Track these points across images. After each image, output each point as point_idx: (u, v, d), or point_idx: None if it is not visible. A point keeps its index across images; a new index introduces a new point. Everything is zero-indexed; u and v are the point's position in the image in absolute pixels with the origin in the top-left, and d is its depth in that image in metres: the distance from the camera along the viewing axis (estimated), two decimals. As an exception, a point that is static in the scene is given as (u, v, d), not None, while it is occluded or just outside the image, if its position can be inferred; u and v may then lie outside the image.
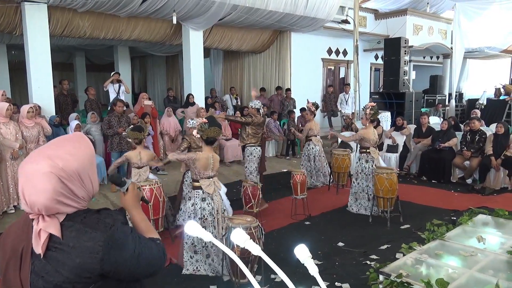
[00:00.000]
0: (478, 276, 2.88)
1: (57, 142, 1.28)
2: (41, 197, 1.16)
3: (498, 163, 7.03)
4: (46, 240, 1.17)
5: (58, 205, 1.19)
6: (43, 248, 1.17)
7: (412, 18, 12.68)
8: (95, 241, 1.18)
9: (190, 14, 8.51)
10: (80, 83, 13.93)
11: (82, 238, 1.18)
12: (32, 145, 5.94)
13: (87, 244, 1.17)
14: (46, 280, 1.17)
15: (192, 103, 9.36)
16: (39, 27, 7.10)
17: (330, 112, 12.17)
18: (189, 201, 3.97)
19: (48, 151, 1.22)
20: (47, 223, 1.18)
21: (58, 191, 1.18)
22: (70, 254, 1.16)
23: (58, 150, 1.22)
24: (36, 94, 7.21)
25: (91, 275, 1.18)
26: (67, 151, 1.22)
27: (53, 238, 1.18)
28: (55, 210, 1.19)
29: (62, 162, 1.19)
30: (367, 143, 5.85)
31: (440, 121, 9.50)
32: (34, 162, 1.19)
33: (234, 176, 7.95)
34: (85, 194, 1.25)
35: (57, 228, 1.18)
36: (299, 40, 11.39)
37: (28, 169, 1.19)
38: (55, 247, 1.18)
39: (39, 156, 1.21)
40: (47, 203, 1.17)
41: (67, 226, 1.20)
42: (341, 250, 4.63)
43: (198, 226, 1.29)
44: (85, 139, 1.31)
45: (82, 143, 1.28)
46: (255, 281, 1.22)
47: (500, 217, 4.13)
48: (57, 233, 1.17)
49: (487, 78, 16.24)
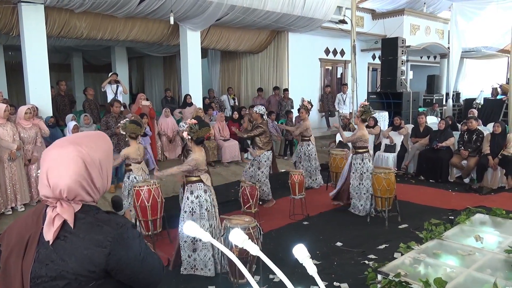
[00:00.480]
0: (476, 275, 2.89)
1: (82, 134, 1.37)
2: (66, 178, 1.22)
3: (496, 163, 7.05)
4: (59, 227, 1.21)
5: (79, 188, 1.24)
6: (54, 235, 1.20)
7: (409, 18, 12.71)
8: (105, 236, 1.21)
9: (188, 14, 8.51)
10: (77, 84, 13.90)
11: (94, 230, 1.22)
12: (29, 146, 5.93)
13: (97, 237, 1.21)
14: (50, 268, 1.19)
15: (189, 103, 9.35)
16: (36, 27, 7.09)
17: (327, 112, 12.19)
18: (191, 194, 3.98)
19: (75, 139, 1.30)
20: (64, 209, 1.22)
21: (82, 174, 1.24)
22: (79, 244, 1.20)
23: (83, 139, 1.30)
24: (33, 95, 7.19)
25: (96, 270, 1.21)
26: (92, 141, 1.31)
27: (64, 227, 1.22)
28: (76, 193, 1.24)
29: (88, 149, 1.27)
30: (364, 143, 5.85)
31: (437, 120, 9.52)
32: (60, 147, 1.26)
33: (232, 177, 7.95)
34: (101, 186, 1.31)
35: (72, 215, 1.22)
36: (297, 40, 11.40)
37: (54, 153, 1.26)
38: (64, 235, 1.21)
39: (65, 142, 1.28)
40: (71, 184, 1.22)
41: (80, 217, 1.23)
42: (340, 250, 4.64)
43: (196, 226, 1.29)
44: (106, 137, 1.40)
45: (104, 138, 1.37)
46: (254, 281, 1.22)
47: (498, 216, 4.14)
48: (71, 220, 1.21)
49: (484, 78, 16.30)
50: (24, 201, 5.77)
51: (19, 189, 5.72)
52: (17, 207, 5.76)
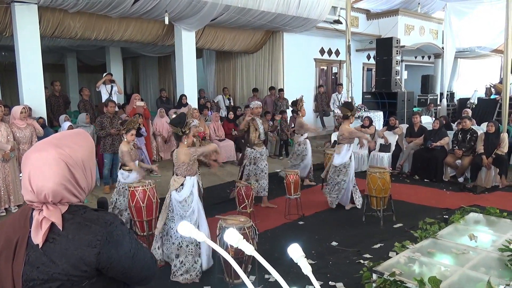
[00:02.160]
0: (470, 274, 2.90)
1: (61, 134, 1.35)
2: (49, 182, 1.20)
3: (489, 162, 7.10)
4: (47, 230, 1.19)
5: (64, 191, 1.23)
6: (43, 238, 1.19)
7: (404, 18, 12.76)
8: (94, 235, 1.21)
9: (182, 14, 8.49)
10: (71, 84, 13.83)
11: (82, 231, 1.21)
12: (25, 146, 5.90)
13: (87, 237, 1.20)
14: (42, 271, 1.18)
15: (185, 103, 9.33)
16: (30, 27, 7.04)
17: (322, 112, 12.21)
18: (193, 188, 4.00)
19: (54, 140, 1.27)
20: (50, 211, 1.20)
21: (66, 177, 1.22)
22: (69, 245, 1.19)
23: (63, 140, 1.28)
24: (27, 95, 7.14)
25: (87, 269, 1.20)
26: (73, 141, 1.28)
27: (53, 229, 1.20)
28: (61, 196, 1.23)
29: (69, 150, 1.24)
30: (344, 139, 6.00)
31: (432, 120, 9.57)
32: (42, 150, 1.23)
33: (228, 177, 7.94)
34: (86, 186, 1.30)
35: (59, 217, 1.21)
36: (292, 41, 11.41)
37: (36, 157, 1.23)
38: (53, 237, 1.20)
39: (46, 144, 1.25)
40: (55, 188, 1.20)
41: (67, 218, 1.22)
42: (335, 250, 4.65)
43: (191, 227, 1.28)
44: (86, 133, 1.37)
45: (84, 136, 1.34)
46: (249, 281, 1.22)
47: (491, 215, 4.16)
48: (59, 223, 1.20)
49: (478, 78, 16.39)
50: (18, 202, 5.73)
51: (12, 190, 5.68)
52: (11, 208, 5.71)
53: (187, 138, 4.04)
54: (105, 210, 1.48)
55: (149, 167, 6.13)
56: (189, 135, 4.06)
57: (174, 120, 4.10)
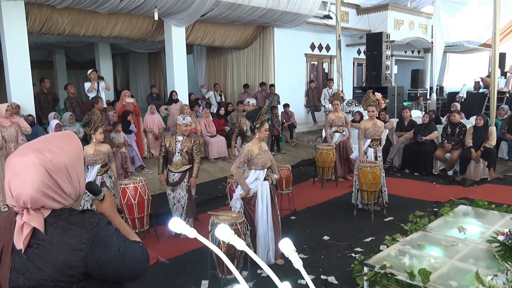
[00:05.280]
0: (459, 265, 2.95)
1: (46, 137, 1.29)
2: (28, 188, 1.16)
3: (478, 155, 7.19)
4: (29, 234, 1.16)
5: (44, 197, 1.18)
6: (24, 243, 1.15)
7: (393, 13, 12.81)
8: (79, 238, 1.17)
9: (172, 10, 8.43)
10: (60, 81, 13.64)
11: (67, 235, 1.17)
12: (12, 145, 5.82)
13: (71, 241, 1.17)
14: (27, 277, 1.16)
15: (175, 100, 9.29)
16: (17, 24, 6.94)
17: (313, 107, 12.25)
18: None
19: (37, 144, 1.22)
20: (31, 216, 1.17)
21: (45, 183, 1.17)
22: (53, 250, 1.16)
23: (47, 143, 1.23)
24: (15, 93, 7.05)
25: (74, 273, 1.17)
26: (56, 145, 1.23)
27: (36, 234, 1.17)
28: (41, 203, 1.18)
29: (51, 155, 1.19)
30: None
31: (421, 114, 9.65)
32: (22, 155, 1.19)
33: (220, 173, 7.94)
34: (71, 191, 1.25)
35: (41, 222, 1.17)
36: (282, 36, 11.40)
37: (16, 161, 1.19)
38: (37, 243, 1.17)
39: (27, 149, 1.21)
40: (33, 194, 1.16)
41: (51, 222, 1.18)
42: (327, 244, 4.68)
43: (182, 223, 1.29)
44: (74, 136, 1.32)
45: (71, 139, 1.29)
46: (241, 277, 1.23)
47: (480, 207, 4.21)
48: (41, 227, 1.16)
49: (467, 72, 16.54)
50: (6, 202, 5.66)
51: (1, 188, 5.61)
52: (0, 207, 5.66)
53: (259, 132, 4.06)
54: (97, 196, 1.43)
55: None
56: (261, 130, 4.06)
57: (249, 114, 4.19)
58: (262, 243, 4.06)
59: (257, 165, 4.03)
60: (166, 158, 4.93)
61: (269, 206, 4.10)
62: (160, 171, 4.98)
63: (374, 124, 5.83)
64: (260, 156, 4.02)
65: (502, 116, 9.08)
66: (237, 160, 4.08)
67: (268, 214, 4.09)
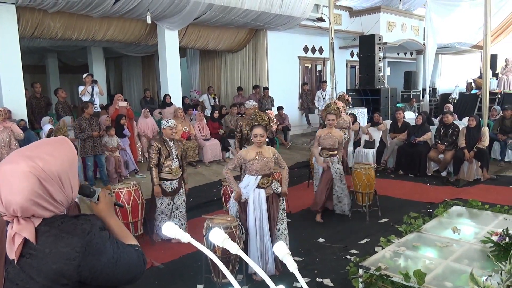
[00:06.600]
0: (454, 266, 2.96)
1: (38, 144, 1.24)
2: (17, 197, 1.12)
3: (471, 156, 7.23)
4: (21, 245, 1.13)
5: (34, 206, 1.14)
6: (17, 254, 1.13)
7: (386, 15, 12.90)
8: (72, 247, 1.15)
9: (165, 13, 8.42)
10: (53, 85, 13.55)
11: (59, 244, 1.15)
12: (4, 150, 5.79)
13: (64, 250, 1.14)
14: (21, 287, 1.14)
15: (169, 103, 9.26)
16: (8, 28, 6.90)
17: (307, 110, 12.28)
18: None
19: (28, 152, 1.18)
20: (21, 226, 1.14)
21: (36, 191, 1.14)
22: (46, 260, 1.13)
23: (38, 151, 1.19)
24: (7, 97, 7.00)
25: (68, 282, 1.16)
26: (48, 152, 1.19)
27: (28, 244, 1.14)
28: (31, 211, 1.15)
29: (42, 163, 1.15)
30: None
31: (415, 116, 9.70)
32: (13, 162, 1.15)
33: (214, 176, 7.91)
34: (63, 199, 1.21)
35: (32, 232, 1.14)
36: (275, 39, 11.43)
37: (6, 169, 1.15)
38: (29, 253, 1.14)
39: (18, 156, 1.17)
40: (23, 203, 1.12)
41: (43, 231, 1.16)
42: (322, 246, 4.68)
43: (175, 227, 1.28)
44: (67, 142, 1.27)
45: (64, 145, 1.25)
46: (235, 281, 1.22)
47: (474, 208, 4.24)
48: (32, 238, 1.14)
49: (459, 73, 16.68)
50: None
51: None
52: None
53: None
54: (91, 198, 1.39)
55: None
56: (252, 135, 4.03)
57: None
58: (255, 251, 3.84)
59: (250, 171, 3.90)
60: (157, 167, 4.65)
61: (264, 215, 3.89)
62: (156, 182, 4.65)
63: (329, 133, 5.40)
64: (255, 161, 3.86)
65: (494, 117, 9.15)
66: (230, 163, 4.07)
67: (263, 224, 3.87)
